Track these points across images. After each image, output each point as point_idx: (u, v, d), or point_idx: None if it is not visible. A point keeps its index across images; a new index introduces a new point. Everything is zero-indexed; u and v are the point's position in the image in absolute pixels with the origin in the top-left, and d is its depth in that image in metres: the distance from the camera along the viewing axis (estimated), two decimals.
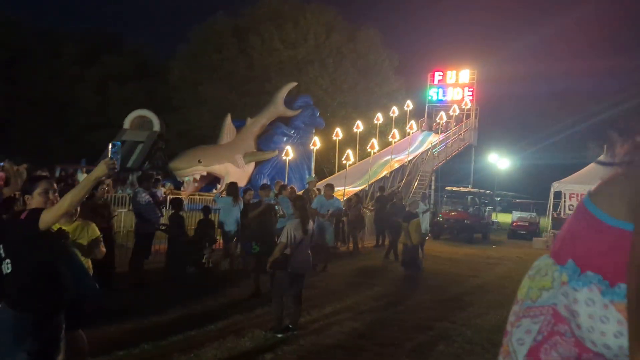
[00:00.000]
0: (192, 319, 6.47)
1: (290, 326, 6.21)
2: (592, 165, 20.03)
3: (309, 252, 6.45)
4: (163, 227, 7.83)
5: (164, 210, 8.58)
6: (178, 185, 21.18)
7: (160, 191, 8.54)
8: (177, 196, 10.06)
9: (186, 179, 21.18)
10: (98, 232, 4.10)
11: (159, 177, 9.29)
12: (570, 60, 50.01)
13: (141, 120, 29.55)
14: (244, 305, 7.30)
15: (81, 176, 18.85)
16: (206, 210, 8.94)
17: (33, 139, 33.18)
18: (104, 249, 4.12)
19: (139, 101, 33.04)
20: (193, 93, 33.42)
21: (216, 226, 9.29)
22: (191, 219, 10.04)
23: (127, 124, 29.00)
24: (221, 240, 9.53)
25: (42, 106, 34.39)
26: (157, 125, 29.40)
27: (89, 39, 38.74)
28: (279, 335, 6.02)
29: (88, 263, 4.02)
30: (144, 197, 7.51)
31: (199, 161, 21.21)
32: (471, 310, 8.10)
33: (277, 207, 7.26)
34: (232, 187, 9.80)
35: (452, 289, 9.88)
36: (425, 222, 11.57)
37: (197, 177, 21.49)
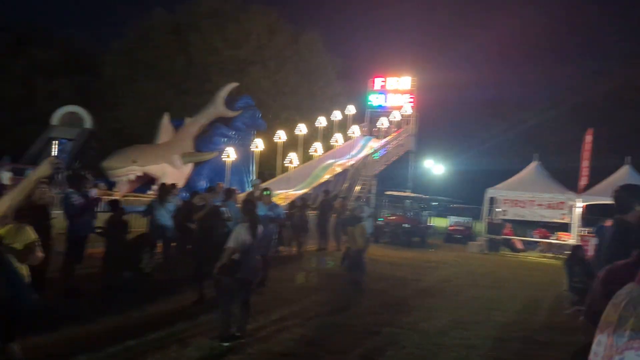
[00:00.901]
0: (131, 328, 6.10)
1: (237, 334, 5.98)
2: (522, 172, 20.97)
3: (258, 257, 6.24)
4: (99, 230, 7.35)
5: (97, 212, 8.08)
6: (111, 185, 20.24)
7: (94, 192, 8.02)
8: (115, 198, 9.53)
9: (120, 179, 20.31)
10: (34, 236, 3.71)
11: (90, 177, 8.74)
12: (503, 70, 52.34)
13: (71, 117, 27.99)
14: (187, 313, 6.97)
15: (4, 175, 17.55)
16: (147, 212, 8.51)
17: None
18: (40, 254, 3.73)
19: (69, 96, 31.32)
20: (128, 90, 32.19)
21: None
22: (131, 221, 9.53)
23: (55, 120, 27.39)
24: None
25: None
26: (88, 123, 27.97)
27: (13, 29, 36.39)
28: (226, 344, 5.78)
29: (24, 270, 3.65)
30: (76, 198, 7.01)
31: (134, 161, 20.38)
32: (416, 315, 8.15)
33: (223, 210, 6.99)
34: (160, 188, 9.48)
35: (396, 293, 9.95)
36: (369, 226, 11.60)
37: (132, 177, 20.62)
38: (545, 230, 20.48)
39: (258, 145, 19.76)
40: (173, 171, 21.00)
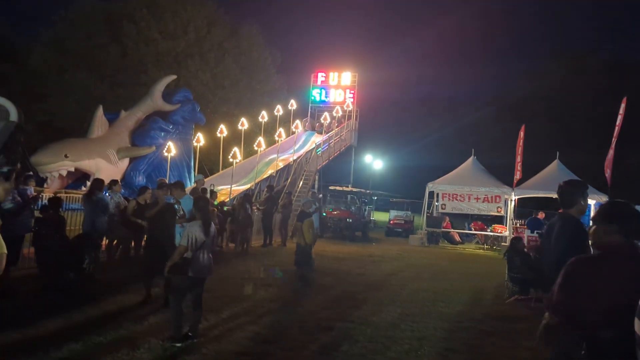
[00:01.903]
0: (75, 331, 5.78)
1: (189, 334, 5.81)
2: (460, 167, 21.71)
3: (210, 255, 6.08)
4: (35, 229, 6.90)
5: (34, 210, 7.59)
6: (41, 181, 19.15)
7: (31, 189, 7.53)
8: (57, 196, 9.00)
9: (50, 174, 19.25)
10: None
11: (30, 173, 8.23)
12: (440, 67, 54.04)
13: None
14: (135, 313, 6.70)
15: None
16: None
17: None
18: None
19: None
20: (58, 81, 30.52)
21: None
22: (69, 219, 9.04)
23: None
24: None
25: None
26: (14, 115, 26.13)
27: None
28: (179, 345, 5.60)
29: None
30: (12, 197, 6.55)
31: (66, 155, 19.35)
32: (366, 309, 8.24)
33: (176, 207, 6.75)
34: (95, 183, 9.09)
35: (343, 287, 10.02)
36: (316, 221, 11.61)
37: (64, 173, 19.59)
38: (482, 223, 21.35)
39: (200, 139, 19.25)
40: (108, 166, 20.12)
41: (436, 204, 21.10)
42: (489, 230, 20.81)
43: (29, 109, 28.82)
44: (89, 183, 18.88)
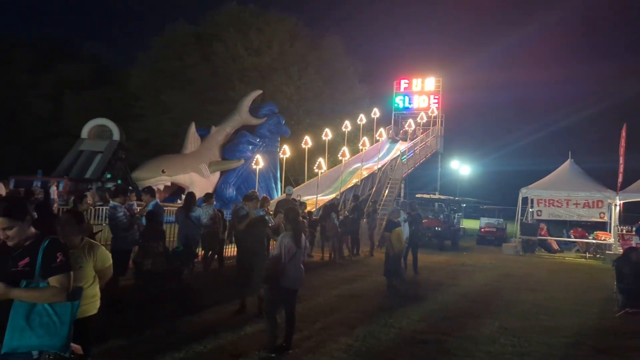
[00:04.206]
0: (177, 340, 6.03)
1: (284, 344, 5.86)
2: (557, 171, 20.48)
3: (302, 266, 6.12)
4: (141, 242, 7.32)
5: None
6: (141, 196, 20.41)
7: (135, 204, 8.02)
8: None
9: None
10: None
11: (132, 189, 8.77)
12: (532, 69, 51.60)
13: (100, 130, 28.45)
14: (231, 323, 6.88)
15: (53, 190, 17.95)
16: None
17: None
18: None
19: (96, 109, 31.86)
20: (154, 101, 32.54)
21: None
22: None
23: (85, 133, 27.86)
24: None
25: None
26: (116, 135, 28.36)
27: (42, 46, 37.23)
28: (273, 355, 5.67)
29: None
30: (123, 212, 7.01)
31: (163, 171, 20.55)
32: (461, 321, 7.93)
33: (267, 218, 6.90)
34: (190, 197, 9.44)
35: (436, 298, 9.72)
36: (406, 230, 11.40)
37: (161, 187, 20.80)
38: (582, 230, 19.97)
39: (285, 151, 19.67)
40: (201, 180, 21.11)
41: (531, 210, 20.03)
42: (590, 237, 19.42)
43: (129, 128, 31.00)
44: (183, 196, 20.03)
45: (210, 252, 10.54)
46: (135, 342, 5.93)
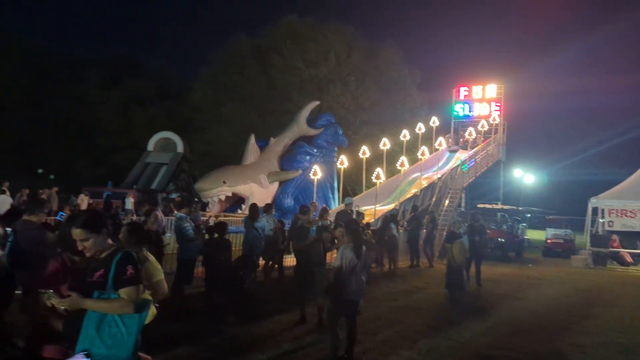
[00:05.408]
0: (240, 348, 6.14)
1: (345, 356, 5.84)
2: (629, 180, 19.39)
3: (363, 278, 6.09)
4: (206, 252, 7.53)
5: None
6: (203, 206, 21.00)
7: (199, 215, 8.27)
8: (222, 220, 9.79)
9: (212, 199, 21.07)
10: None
11: (198, 200, 9.06)
12: (603, 76, 49.11)
13: (165, 142, 29.57)
14: (292, 333, 6.93)
15: (128, 201, 18.88)
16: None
17: (58, 161, 33.44)
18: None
19: (161, 123, 33.17)
20: (215, 114, 33.50)
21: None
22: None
23: (151, 146, 29.04)
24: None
25: (66, 130, 34.78)
26: (180, 147, 29.36)
27: (111, 63, 39.29)
28: None
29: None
30: (189, 223, 7.25)
31: (224, 182, 21.09)
32: (527, 336, 7.62)
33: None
34: (255, 208, 9.60)
35: (500, 312, 9.40)
36: (465, 242, 11.09)
37: (223, 197, 21.36)
38: None
39: (343, 161, 19.69)
40: (260, 190, 21.51)
41: (601, 220, 19.03)
42: None
43: (191, 141, 32.04)
44: (244, 206, 20.47)
45: (270, 262, 10.68)
46: (200, 349, 6.08)
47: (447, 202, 20.84)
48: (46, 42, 58.08)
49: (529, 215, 25.91)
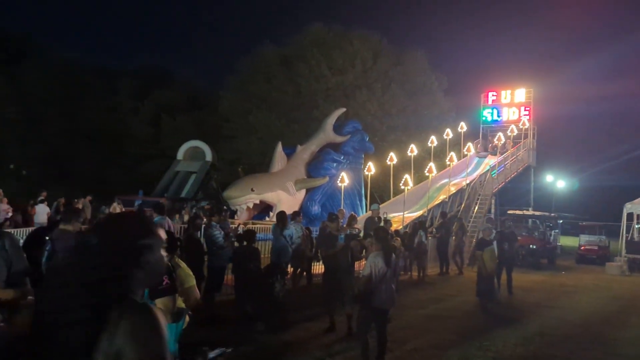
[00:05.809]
0: (270, 356, 6.17)
1: None
2: None
3: (393, 286, 6.05)
4: (236, 259, 7.59)
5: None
6: (232, 214, 21.20)
7: (229, 223, 8.35)
8: (251, 228, 9.87)
9: (240, 207, 21.24)
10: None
11: (227, 208, 9.16)
12: (636, 80, 47.83)
13: (194, 151, 30.07)
14: (321, 341, 6.94)
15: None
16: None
17: (91, 170, 34.29)
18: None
19: (190, 132, 33.74)
20: (243, 122, 33.82)
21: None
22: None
23: (180, 154, 29.55)
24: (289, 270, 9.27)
25: (99, 139, 35.65)
26: (209, 155, 29.83)
27: (142, 74, 40.17)
28: None
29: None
30: (219, 231, 7.34)
31: (252, 189, 21.22)
32: (563, 347, 7.46)
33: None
34: (283, 216, 9.60)
35: (533, 321, 9.20)
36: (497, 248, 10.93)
37: (250, 205, 21.49)
38: None
39: (370, 168, 19.62)
40: (287, 198, 21.57)
41: (637, 226, 18.50)
42: None
43: (219, 149, 32.47)
44: (272, 214, 20.58)
45: (299, 270, 10.70)
46: (230, 357, 6.12)
47: (476, 208, 20.55)
48: (79, 54, 59.79)
49: (561, 221, 25.34)
